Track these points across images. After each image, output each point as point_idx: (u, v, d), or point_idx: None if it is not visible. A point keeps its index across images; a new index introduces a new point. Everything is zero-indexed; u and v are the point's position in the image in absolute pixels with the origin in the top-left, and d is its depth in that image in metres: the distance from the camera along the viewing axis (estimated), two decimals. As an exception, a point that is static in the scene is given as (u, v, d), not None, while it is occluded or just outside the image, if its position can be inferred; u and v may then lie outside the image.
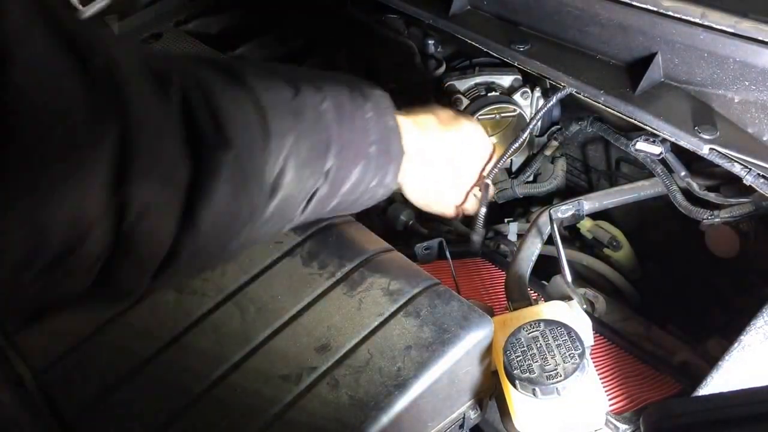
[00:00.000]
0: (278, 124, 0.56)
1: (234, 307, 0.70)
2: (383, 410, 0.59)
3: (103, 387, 0.65)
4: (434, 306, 0.67)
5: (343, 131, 0.63)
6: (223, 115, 0.51)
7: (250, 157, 0.53)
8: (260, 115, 0.55)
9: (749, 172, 0.69)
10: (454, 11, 0.95)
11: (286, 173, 0.57)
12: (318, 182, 0.61)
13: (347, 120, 0.64)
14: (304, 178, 0.59)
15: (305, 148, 0.59)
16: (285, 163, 0.57)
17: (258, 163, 0.55)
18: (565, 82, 0.81)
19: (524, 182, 1.16)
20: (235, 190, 0.52)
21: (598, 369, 0.76)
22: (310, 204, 0.62)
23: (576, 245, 1.12)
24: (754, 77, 0.69)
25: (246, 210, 0.55)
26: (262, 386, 0.63)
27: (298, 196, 0.60)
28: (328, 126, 0.62)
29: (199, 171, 0.49)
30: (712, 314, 0.92)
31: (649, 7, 0.74)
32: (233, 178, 0.51)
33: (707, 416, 0.47)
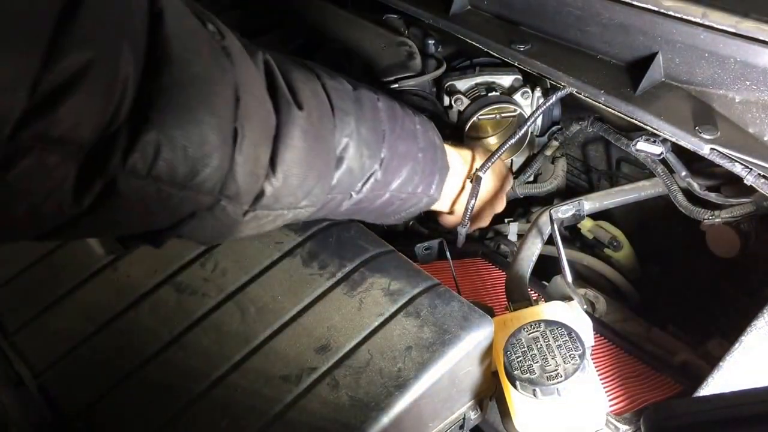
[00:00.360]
0: (341, 105, 0.66)
1: (234, 307, 0.70)
2: (383, 411, 0.59)
3: (103, 387, 0.65)
4: (435, 306, 0.67)
5: (395, 128, 0.73)
6: (297, 85, 0.62)
7: (320, 121, 0.63)
8: (326, 93, 0.65)
9: (750, 172, 0.69)
10: (455, 11, 0.95)
11: (349, 149, 0.66)
12: (374, 166, 0.70)
13: (399, 121, 0.74)
14: (363, 157, 0.68)
15: (365, 131, 0.68)
16: (348, 140, 0.66)
17: (326, 129, 0.64)
18: (566, 82, 0.80)
19: (525, 182, 1.16)
20: (308, 145, 0.61)
21: (598, 369, 0.76)
22: (367, 184, 0.70)
23: (576, 245, 1.12)
24: (755, 77, 0.69)
25: (317, 169, 0.63)
26: (262, 386, 0.63)
27: (358, 172, 0.68)
28: (382, 120, 0.71)
29: (280, 123, 0.58)
30: (713, 315, 0.92)
31: (649, 6, 0.74)
32: (307, 135, 0.60)
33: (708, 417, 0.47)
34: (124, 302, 0.72)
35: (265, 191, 0.58)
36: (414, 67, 1.06)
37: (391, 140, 0.72)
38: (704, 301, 1.00)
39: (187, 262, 0.75)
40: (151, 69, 0.47)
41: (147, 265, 0.75)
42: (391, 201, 0.76)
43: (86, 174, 0.45)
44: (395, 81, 1.03)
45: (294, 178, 0.60)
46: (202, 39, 0.53)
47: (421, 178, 0.78)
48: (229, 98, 0.53)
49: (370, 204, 0.73)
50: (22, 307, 0.74)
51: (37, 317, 0.73)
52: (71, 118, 0.42)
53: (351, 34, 1.12)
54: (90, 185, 0.45)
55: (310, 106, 0.61)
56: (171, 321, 0.69)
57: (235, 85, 0.53)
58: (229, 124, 0.53)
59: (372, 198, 0.72)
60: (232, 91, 0.53)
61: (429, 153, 0.79)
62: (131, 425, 0.63)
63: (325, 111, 0.64)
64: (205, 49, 0.52)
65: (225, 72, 0.53)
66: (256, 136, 0.55)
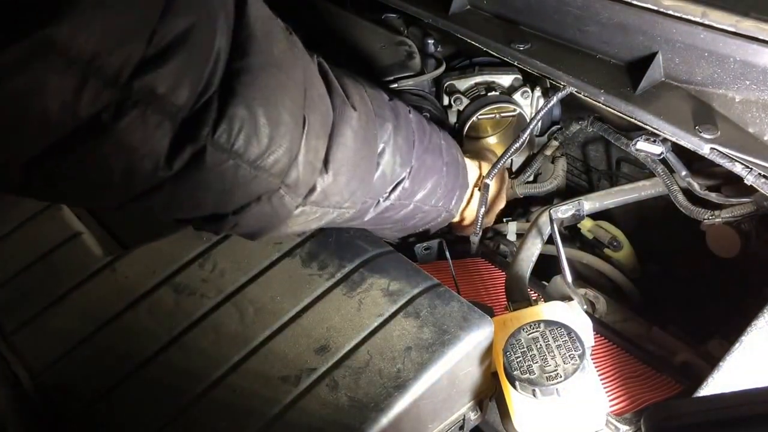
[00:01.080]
0: (381, 113, 0.69)
1: (233, 308, 0.70)
2: (383, 412, 0.59)
3: (101, 388, 0.65)
4: (434, 307, 0.67)
5: (423, 140, 0.76)
6: (349, 88, 0.65)
7: (367, 125, 0.65)
8: (370, 100, 0.68)
9: (750, 172, 0.69)
10: (454, 10, 0.95)
11: (385, 154, 0.70)
12: (404, 173, 0.73)
13: (426, 135, 0.77)
14: (395, 165, 0.71)
15: (399, 139, 0.71)
16: (385, 146, 0.69)
17: (371, 134, 0.66)
18: (566, 82, 0.80)
19: (524, 182, 1.16)
20: (357, 146, 0.63)
21: (598, 370, 0.76)
22: (395, 192, 0.73)
23: (576, 245, 1.12)
24: (755, 76, 0.69)
25: (362, 170, 0.66)
26: (261, 387, 0.63)
27: (389, 178, 0.71)
28: (413, 131, 0.74)
29: (335, 121, 0.61)
30: (713, 314, 0.92)
31: (649, 6, 0.74)
32: (357, 136, 0.63)
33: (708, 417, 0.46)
34: (123, 303, 0.72)
35: (317, 186, 0.61)
36: (413, 67, 1.05)
37: (419, 151, 0.74)
38: (704, 301, 1.00)
39: (185, 262, 0.75)
40: (238, 46, 0.50)
41: (145, 266, 0.75)
42: (414, 213, 0.78)
43: (179, 139, 0.47)
44: (395, 80, 1.03)
45: (342, 177, 0.63)
46: (278, 27, 0.56)
47: (444, 193, 0.81)
48: (300, 86, 0.56)
49: (394, 213, 0.75)
50: (20, 307, 0.74)
51: (35, 318, 0.73)
52: (173, 78, 0.44)
53: (350, 33, 1.12)
54: (182, 150, 0.47)
55: (360, 109, 0.64)
56: (170, 322, 0.69)
57: (303, 76, 0.57)
58: (300, 110, 0.55)
59: (398, 207, 0.75)
60: (302, 80, 0.56)
61: (452, 168, 0.82)
62: (129, 427, 0.63)
63: (371, 116, 0.67)
64: (281, 37, 0.56)
65: (297, 61, 0.56)
66: (317, 128, 0.58)
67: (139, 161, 0.46)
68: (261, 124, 0.51)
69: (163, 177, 0.48)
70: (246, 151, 0.51)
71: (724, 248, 0.89)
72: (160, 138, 0.46)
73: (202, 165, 0.49)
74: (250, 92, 0.50)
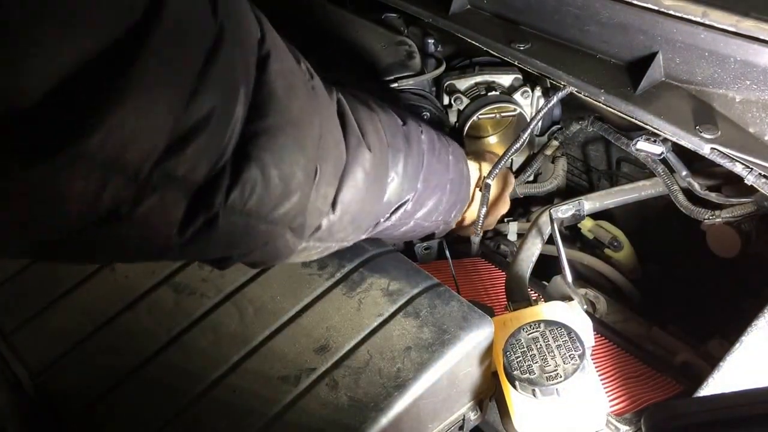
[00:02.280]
0: (394, 143, 0.69)
1: (233, 307, 0.70)
2: (383, 411, 0.59)
3: (101, 388, 0.65)
4: (434, 306, 0.67)
5: (432, 161, 0.75)
6: (366, 125, 0.64)
7: (381, 163, 0.65)
8: (384, 133, 0.67)
9: (750, 172, 0.69)
10: (454, 10, 0.95)
11: (394, 183, 0.69)
12: (407, 196, 0.72)
13: (436, 154, 0.76)
14: (403, 190, 0.71)
15: (410, 167, 0.71)
16: (395, 175, 0.69)
17: (383, 170, 0.67)
18: (566, 82, 0.80)
19: (525, 182, 1.16)
20: (367, 187, 0.63)
21: (598, 370, 0.76)
22: (396, 214, 0.72)
23: (577, 245, 1.12)
24: (756, 76, 0.69)
25: (370, 208, 0.66)
26: (261, 387, 0.63)
27: (394, 201, 0.71)
28: (422, 153, 0.74)
29: (348, 162, 0.61)
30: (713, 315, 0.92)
31: (649, 6, 0.74)
32: (368, 177, 0.63)
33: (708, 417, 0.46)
34: (123, 303, 0.72)
35: (322, 225, 0.60)
36: (413, 67, 1.05)
37: (426, 173, 0.74)
38: (705, 301, 1.00)
39: (185, 262, 0.75)
40: (256, 109, 0.48)
41: (145, 266, 0.75)
42: (414, 229, 0.78)
43: (192, 209, 0.46)
44: (395, 80, 1.03)
45: (348, 216, 0.62)
46: (299, 80, 0.54)
47: (445, 208, 0.81)
48: (315, 138, 0.55)
49: (394, 230, 0.75)
50: (19, 307, 0.74)
51: (35, 317, 0.73)
52: (193, 160, 0.43)
53: (350, 33, 1.12)
54: (195, 219, 0.46)
55: (374, 148, 0.64)
56: (169, 321, 0.69)
57: (320, 125, 0.56)
58: (313, 162, 0.55)
59: (398, 225, 0.74)
60: (319, 132, 0.55)
61: (455, 185, 0.82)
62: (129, 426, 0.63)
63: (384, 152, 0.67)
64: (302, 91, 0.54)
65: (314, 113, 0.55)
66: (328, 176, 0.58)
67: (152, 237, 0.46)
68: (274, 184, 0.50)
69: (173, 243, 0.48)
70: (256, 210, 0.50)
71: (725, 248, 0.89)
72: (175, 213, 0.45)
73: (214, 229, 0.48)
74: (266, 155, 0.49)
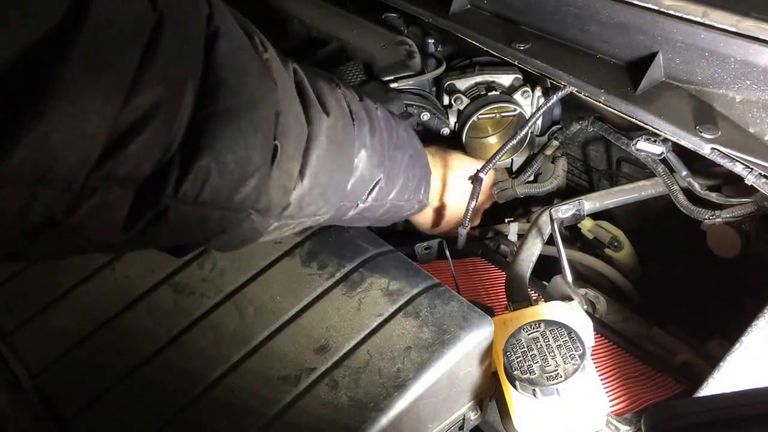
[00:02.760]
0: (358, 114, 0.67)
1: (233, 307, 0.70)
2: (383, 411, 0.59)
3: (101, 388, 0.65)
4: (434, 306, 0.67)
5: (392, 136, 0.74)
6: (324, 94, 0.62)
7: (343, 130, 0.64)
8: (347, 103, 0.66)
9: (751, 172, 0.69)
10: (454, 10, 0.95)
11: (362, 157, 0.67)
12: (380, 174, 0.71)
13: (393, 130, 0.75)
14: (373, 166, 0.69)
15: (375, 140, 0.69)
16: (363, 149, 0.67)
17: (348, 138, 0.65)
18: (566, 81, 0.80)
19: (525, 182, 1.16)
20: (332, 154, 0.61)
21: (598, 370, 0.76)
22: (372, 193, 0.71)
23: (577, 245, 1.12)
24: (756, 76, 0.69)
25: (337, 177, 0.64)
26: (261, 387, 0.62)
27: (368, 181, 0.70)
28: (383, 129, 0.72)
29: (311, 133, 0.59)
30: (713, 315, 0.92)
31: (650, 5, 0.74)
32: (331, 143, 0.61)
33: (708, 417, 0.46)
34: (122, 303, 0.72)
35: (290, 203, 0.58)
36: (414, 66, 1.05)
37: (390, 149, 0.73)
38: (705, 301, 0.99)
39: (185, 262, 0.75)
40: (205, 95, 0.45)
41: (145, 266, 0.75)
42: (390, 210, 0.77)
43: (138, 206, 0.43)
44: (395, 80, 1.03)
45: (318, 188, 0.60)
46: (251, 58, 0.52)
47: (414, 184, 0.80)
48: (271, 117, 0.53)
49: (372, 213, 0.74)
50: (19, 306, 0.74)
51: (34, 317, 0.73)
52: (137, 157, 0.41)
53: (350, 33, 1.12)
54: (141, 215, 0.44)
55: (335, 114, 0.62)
56: (169, 321, 0.69)
57: (277, 103, 0.53)
58: (270, 141, 0.52)
59: (375, 207, 0.74)
60: (275, 109, 0.53)
61: (415, 159, 0.80)
62: (129, 427, 0.63)
63: (347, 120, 0.65)
64: (254, 69, 0.52)
65: (270, 91, 0.53)
66: (291, 150, 0.56)
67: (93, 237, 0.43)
68: (229, 171, 0.48)
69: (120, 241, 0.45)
70: (211, 199, 0.48)
71: (725, 248, 0.89)
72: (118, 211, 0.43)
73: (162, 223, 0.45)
74: (218, 142, 0.46)
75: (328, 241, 0.75)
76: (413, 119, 1.03)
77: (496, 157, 0.88)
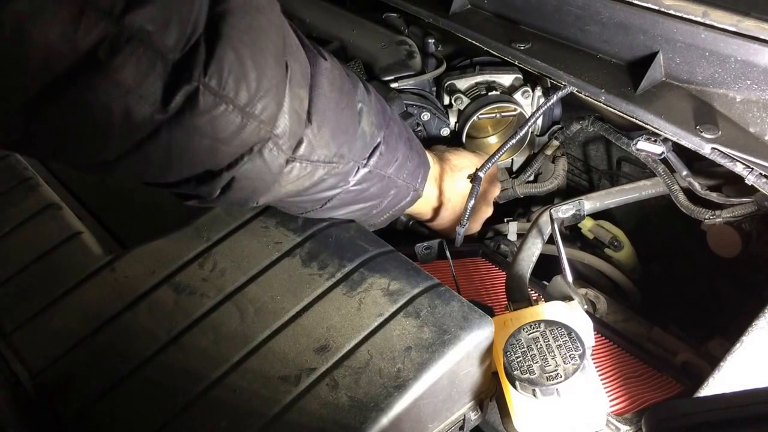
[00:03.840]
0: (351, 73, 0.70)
1: (233, 307, 0.70)
2: (383, 411, 0.59)
3: (101, 388, 0.65)
4: (434, 306, 0.67)
5: (386, 109, 0.76)
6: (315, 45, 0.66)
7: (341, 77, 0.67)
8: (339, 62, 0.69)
9: (751, 172, 0.69)
10: (455, 10, 0.95)
11: (363, 113, 0.70)
12: (380, 137, 0.73)
13: (388, 108, 0.77)
14: (372, 124, 0.72)
15: (373, 100, 0.73)
16: (362, 105, 0.70)
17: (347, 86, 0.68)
18: (566, 81, 0.80)
19: (525, 182, 1.16)
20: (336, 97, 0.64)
21: (598, 369, 0.76)
22: (373, 156, 0.72)
23: (577, 245, 1.12)
24: (756, 76, 0.69)
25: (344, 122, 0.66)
26: (261, 387, 0.62)
27: (368, 137, 0.71)
28: (376, 95, 0.75)
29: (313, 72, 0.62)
30: (714, 314, 0.92)
31: (650, 5, 0.74)
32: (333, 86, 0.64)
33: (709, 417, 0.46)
34: (123, 302, 0.72)
35: (303, 138, 0.61)
36: (414, 66, 1.05)
37: (387, 118, 0.75)
38: (705, 300, 1.00)
39: (185, 262, 0.75)
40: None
41: (145, 266, 0.75)
42: (388, 187, 0.78)
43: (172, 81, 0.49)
44: (395, 80, 1.03)
45: (326, 129, 0.63)
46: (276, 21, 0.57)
47: (412, 166, 0.81)
48: (280, 32, 0.57)
49: (371, 185, 0.75)
50: (19, 306, 0.74)
51: (34, 317, 0.73)
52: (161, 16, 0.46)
53: (351, 32, 1.12)
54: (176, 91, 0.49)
55: (332, 61, 0.66)
56: (169, 321, 0.69)
57: (281, 23, 0.58)
58: (281, 55, 0.57)
59: (374, 177, 0.74)
60: (281, 25, 0.58)
61: (414, 143, 0.82)
62: (129, 426, 0.63)
63: (342, 71, 0.68)
64: None
65: (273, 7, 0.58)
66: (299, 77, 0.59)
67: (135, 103, 0.48)
68: (248, 68, 0.52)
69: (159, 120, 0.50)
70: (236, 96, 0.52)
71: (725, 248, 0.89)
72: (155, 79, 0.48)
73: (195, 108, 0.50)
74: (235, 34, 0.51)
75: (328, 241, 0.75)
76: (413, 119, 1.03)
77: (495, 157, 0.88)
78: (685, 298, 1.02)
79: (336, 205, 0.74)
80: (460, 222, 0.91)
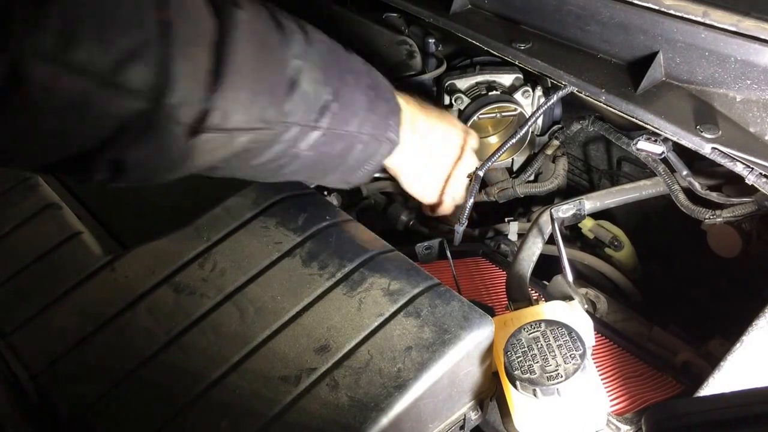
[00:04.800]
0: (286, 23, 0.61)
1: (233, 307, 0.70)
2: (383, 411, 0.59)
3: (101, 388, 0.65)
4: (435, 306, 0.67)
5: (341, 59, 0.68)
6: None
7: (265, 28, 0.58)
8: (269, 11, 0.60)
9: (751, 172, 0.69)
10: (455, 9, 0.95)
11: (303, 71, 0.61)
12: (327, 94, 0.64)
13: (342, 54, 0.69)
14: (316, 82, 0.63)
15: (315, 54, 0.63)
16: (300, 62, 0.61)
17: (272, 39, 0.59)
18: (567, 81, 0.80)
19: (525, 182, 1.16)
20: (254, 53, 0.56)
21: (599, 369, 0.76)
22: (324, 117, 0.64)
23: (577, 245, 1.12)
24: (756, 76, 0.69)
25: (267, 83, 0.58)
26: (261, 387, 0.62)
27: (313, 99, 0.63)
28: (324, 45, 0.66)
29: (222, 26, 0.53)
30: (714, 314, 0.92)
31: (650, 5, 0.74)
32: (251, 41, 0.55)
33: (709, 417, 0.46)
34: (122, 303, 0.72)
35: (212, 105, 0.53)
36: (414, 66, 1.05)
37: (335, 69, 0.66)
38: (705, 300, 1.00)
39: (185, 262, 0.75)
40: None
41: (145, 266, 0.75)
42: (353, 145, 0.71)
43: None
44: (395, 80, 1.03)
45: (243, 91, 0.55)
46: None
47: (378, 118, 0.72)
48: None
49: (331, 148, 0.68)
50: (19, 307, 0.74)
51: (34, 317, 0.73)
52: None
53: (351, 32, 1.12)
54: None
55: (251, 11, 0.57)
56: (169, 321, 0.69)
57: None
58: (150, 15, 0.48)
59: (333, 139, 0.67)
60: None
61: (380, 91, 0.74)
62: (129, 427, 0.63)
63: (269, 22, 0.59)
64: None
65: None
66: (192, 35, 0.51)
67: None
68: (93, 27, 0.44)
69: None
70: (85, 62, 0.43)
71: (725, 248, 0.89)
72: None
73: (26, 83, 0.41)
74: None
75: (328, 241, 0.75)
76: None
77: (496, 156, 0.87)
78: (686, 298, 1.02)
79: (296, 170, 0.68)
80: (459, 220, 0.91)
